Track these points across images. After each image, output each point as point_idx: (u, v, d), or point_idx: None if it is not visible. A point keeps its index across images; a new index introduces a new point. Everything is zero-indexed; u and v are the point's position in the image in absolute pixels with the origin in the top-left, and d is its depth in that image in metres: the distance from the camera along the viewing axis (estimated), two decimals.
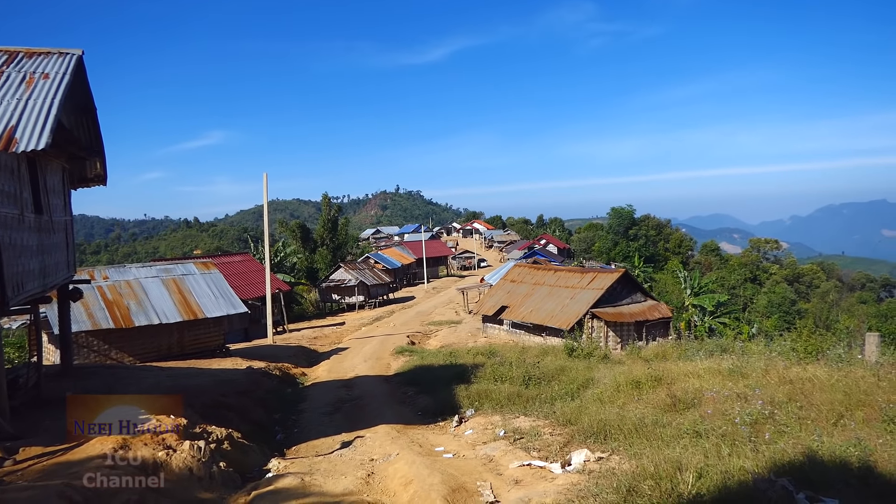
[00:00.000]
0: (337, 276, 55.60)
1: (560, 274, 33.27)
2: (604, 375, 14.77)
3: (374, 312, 50.54)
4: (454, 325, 39.50)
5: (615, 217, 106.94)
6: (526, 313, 30.99)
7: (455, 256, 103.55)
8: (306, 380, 22.97)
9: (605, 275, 30.76)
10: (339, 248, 68.30)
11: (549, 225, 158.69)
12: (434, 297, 60.85)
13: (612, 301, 29.30)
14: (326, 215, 68.13)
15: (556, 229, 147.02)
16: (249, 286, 39.37)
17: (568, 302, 29.71)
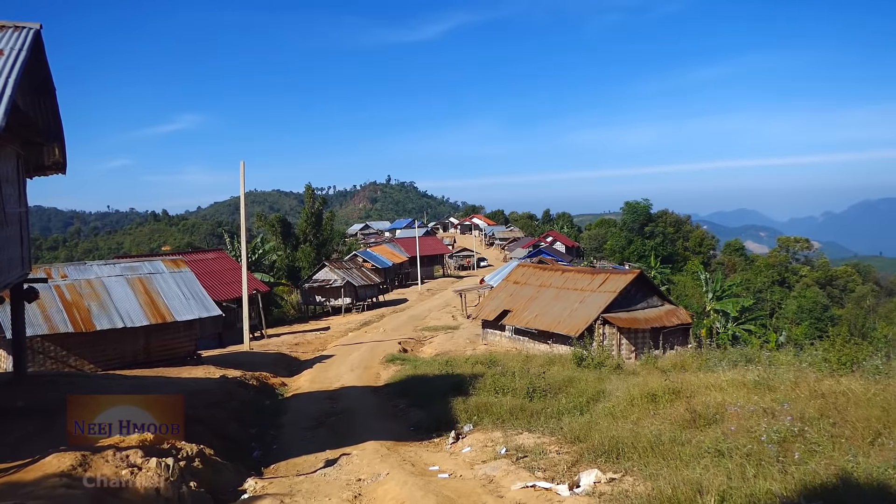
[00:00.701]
0: (321, 275, 55.56)
1: (568, 275, 33.30)
2: (616, 387, 14.79)
3: (362, 316, 50.53)
4: (451, 331, 39.51)
5: (629, 212, 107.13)
6: (530, 318, 31.01)
7: (452, 255, 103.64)
8: (287, 391, 22.94)
9: (617, 276, 30.80)
10: (324, 244, 68.23)
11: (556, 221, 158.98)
12: (429, 299, 60.83)
13: (626, 305, 29.34)
14: (310, 208, 68.04)
15: (564, 226, 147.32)
16: (224, 286, 39.28)
17: (577, 306, 29.74)
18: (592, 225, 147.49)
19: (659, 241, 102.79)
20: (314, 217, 67.45)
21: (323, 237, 68.16)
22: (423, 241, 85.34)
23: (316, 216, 67.77)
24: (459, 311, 48.81)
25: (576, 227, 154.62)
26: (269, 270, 56.93)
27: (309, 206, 68.55)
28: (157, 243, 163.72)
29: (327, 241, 69.55)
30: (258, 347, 34.42)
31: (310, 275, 56.82)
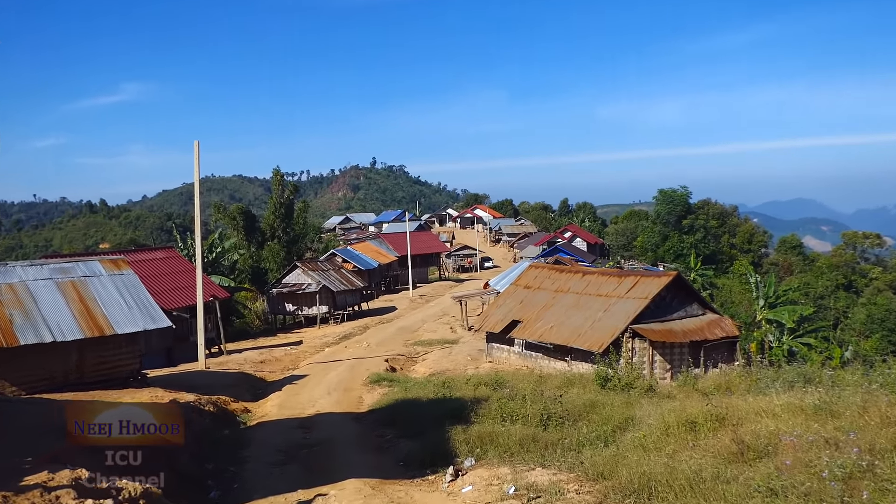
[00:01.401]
0: (292, 279, 55.57)
1: (590, 278, 33.35)
2: (648, 414, 14.82)
3: (341, 328, 50.55)
4: (449, 346, 39.57)
5: (664, 202, 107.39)
6: (545, 330, 31.07)
7: (450, 254, 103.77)
8: (250, 418, 22.96)
9: (650, 279, 30.87)
10: (296, 241, 68.23)
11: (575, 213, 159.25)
12: (422, 307, 60.78)
13: (660, 314, 29.39)
14: (278, 198, 68.05)
15: (586, 218, 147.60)
16: (175, 292, 39.25)
17: (601, 315, 29.79)
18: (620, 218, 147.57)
19: (700, 237, 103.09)
20: (284, 208, 67.45)
21: (294, 232, 68.14)
22: (416, 238, 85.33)
23: (286, 207, 67.78)
24: (459, 322, 48.82)
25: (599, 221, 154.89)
26: (229, 273, 56.94)
27: (277, 194, 68.55)
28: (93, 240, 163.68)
29: (300, 237, 69.54)
30: (216, 366, 34.39)
31: (278, 278, 56.80)
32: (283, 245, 65.71)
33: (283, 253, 64.34)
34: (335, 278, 56.65)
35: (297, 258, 63.59)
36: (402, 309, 60.15)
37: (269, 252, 64.02)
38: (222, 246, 57.17)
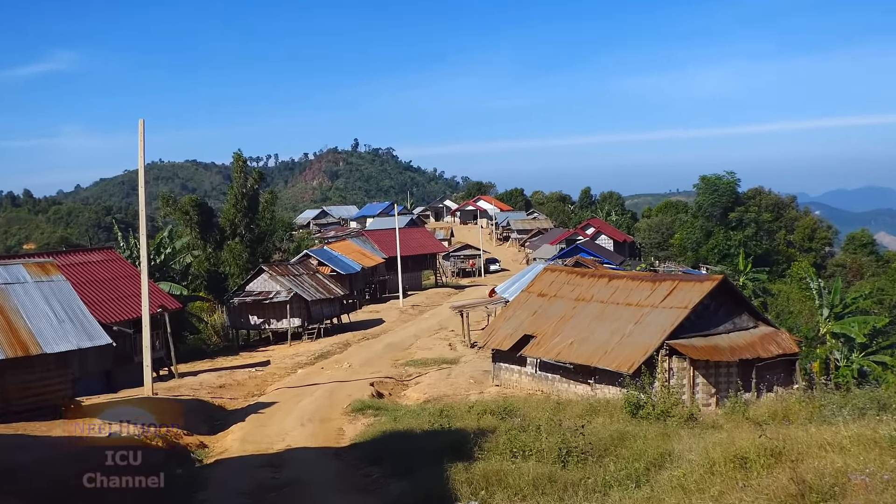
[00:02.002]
0: (257, 286, 55.59)
1: (618, 284, 33.34)
2: (689, 447, 14.81)
3: (317, 345, 50.54)
4: (447, 367, 39.60)
5: (707, 192, 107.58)
6: (563, 347, 31.07)
7: (449, 255, 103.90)
8: (207, 454, 22.93)
9: (690, 285, 30.86)
10: (261, 240, 68.22)
11: (599, 204, 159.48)
12: (414, 320, 60.74)
13: (703, 328, 29.38)
14: (240, 187, 68.04)
15: (612, 211, 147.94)
16: (115, 303, 39.20)
17: (631, 329, 29.79)
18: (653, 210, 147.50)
19: (750, 234, 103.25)
20: (247, 200, 67.45)
21: (260, 229, 68.12)
22: (407, 236, 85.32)
23: (249, 199, 67.78)
24: (459, 338, 48.81)
25: (628, 214, 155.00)
26: (181, 279, 56.88)
27: (239, 183, 68.53)
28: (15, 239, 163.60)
29: (266, 234, 69.54)
30: (165, 391, 34.32)
31: (241, 285, 56.83)
32: (246, 245, 65.69)
33: (246, 254, 64.33)
34: (309, 285, 56.64)
35: (264, 260, 63.51)
36: (390, 322, 60.08)
37: (230, 253, 64.02)
38: (172, 246, 57.10)
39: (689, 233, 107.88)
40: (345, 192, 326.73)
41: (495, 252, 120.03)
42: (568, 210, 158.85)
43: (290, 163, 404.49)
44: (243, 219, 66.81)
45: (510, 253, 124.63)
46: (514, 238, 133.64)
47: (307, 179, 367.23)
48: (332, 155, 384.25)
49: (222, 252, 64.70)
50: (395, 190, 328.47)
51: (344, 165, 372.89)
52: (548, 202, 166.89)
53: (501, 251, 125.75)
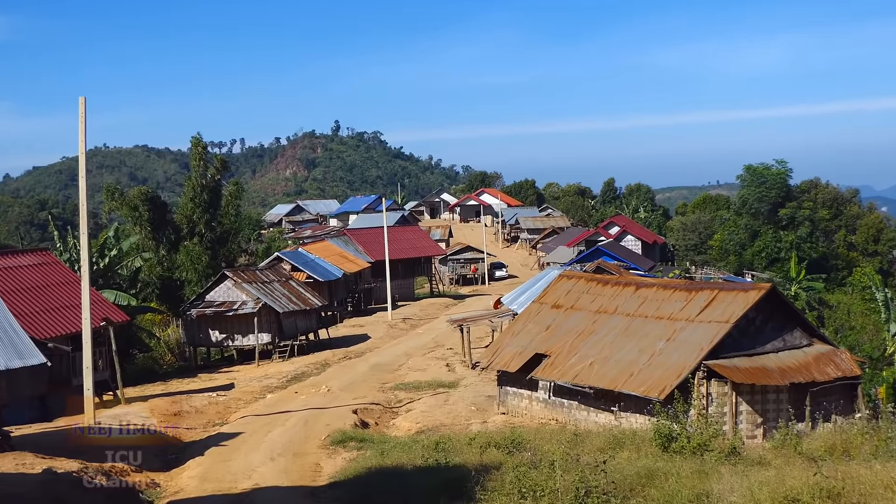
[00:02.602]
0: (219, 295, 55.48)
1: (648, 293, 33.29)
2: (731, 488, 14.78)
3: (290, 366, 50.47)
4: (444, 391, 39.57)
5: (753, 184, 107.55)
6: (582, 368, 31.00)
7: (447, 258, 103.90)
8: (159, 495, 22.87)
9: (732, 295, 30.82)
10: (224, 241, 68.10)
11: (625, 199, 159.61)
12: (406, 335, 60.65)
13: (747, 346, 29.32)
14: (199, 178, 67.86)
15: (640, 207, 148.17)
16: (50, 315, 39.02)
17: (662, 347, 29.74)
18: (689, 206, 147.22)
19: (804, 234, 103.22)
20: (207, 193, 67.30)
21: (223, 228, 67.99)
22: (397, 235, 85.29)
23: (210, 191, 67.63)
24: (458, 357, 48.77)
25: (659, 210, 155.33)
26: (129, 286, 56.80)
27: (198, 173, 68.36)
28: None
29: (230, 234, 69.38)
30: (111, 419, 34.17)
31: (200, 293, 56.69)
32: (206, 246, 65.52)
33: (206, 257, 64.14)
34: (281, 294, 56.54)
35: (227, 265, 63.37)
36: (377, 338, 59.99)
37: (187, 256, 63.81)
38: (119, 247, 57.01)
39: (731, 233, 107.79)
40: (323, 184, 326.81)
41: (502, 255, 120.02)
42: (588, 206, 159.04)
43: (258, 149, 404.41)
44: (203, 215, 66.64)
45: (519, 256, 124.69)
46: (524, 239, 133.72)
47: (279, 168, 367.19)
48: (309, 140, 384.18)
49: (178, 255, 64.48)
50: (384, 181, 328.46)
51: (322, 152, 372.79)
52: (564, 196, 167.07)
53: (509, 254, 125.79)
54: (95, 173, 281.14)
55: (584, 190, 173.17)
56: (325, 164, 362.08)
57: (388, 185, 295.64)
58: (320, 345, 57.42)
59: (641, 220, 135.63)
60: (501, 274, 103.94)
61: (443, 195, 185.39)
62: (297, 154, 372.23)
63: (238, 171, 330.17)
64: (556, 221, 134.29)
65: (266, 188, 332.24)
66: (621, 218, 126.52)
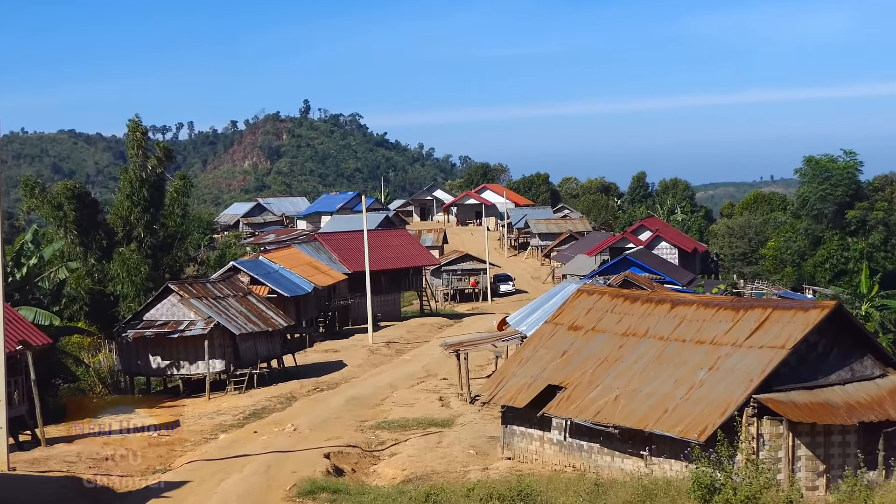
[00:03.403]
0: (162, 313, 55.34)
1: (685, 312, 33.27)
2: None
3: (248, 399, 50.37)
4: (437, 431, 39.52)
5: (815, 181, 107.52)
6: (605, 404, 30.93)
7: (440, 268, 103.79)
8: None
9: (788, 315, 30.81)
10: (168, 247, 67.95)
11: (659, 198, 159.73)
12: (390, 363, 60.60)
13: (807, 376, 29.28)
14: (137, 171, 67.72)
15: (677, 207, 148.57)
16: None
17: (703, 377, 29.69)
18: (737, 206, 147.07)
19: (878, 241, 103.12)
20: (148, 188, 67.16)
21: (167, 231, 67.86)
22: (381, 241, 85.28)
23: (152, 187, 67.51)
24: (454, 389, 48.76)
25: (700, 211, 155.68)
26: (51, 302, 56.62)
27: (137, 164, 68.24)
28: None
29: (175, 239, 69.22)
30: (26, 465, 34.12)
31: (137, 312, 56.58)
32: (146, 253, 65.38)
33: (145, 267, 63.97)
34: (238, 312, 56.45)
35: (172, 276, 63.19)
36: (354, 365, 59.91)
37: (122, 266, 63.62)
38: (39, 255, 56.90)
39: (787, 239, 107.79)
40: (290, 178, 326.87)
41: (507, 266, 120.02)
42: (613, 206, 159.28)
43: (210, 135, 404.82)
44: (142, 215, 66.51)
45: (529, 267, 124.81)
46: (535, 246, 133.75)
47: (236, 159, 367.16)
48: (272, 124, 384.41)
49: (111, 264, 64.29)
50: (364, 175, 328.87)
51: (289, 139, 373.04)
52: (584, 194, 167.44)
53: (516, 264, 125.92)
54: (11, 164, 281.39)
55: (608, 186, 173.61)
56: (292, 153, 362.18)
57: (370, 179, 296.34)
58: (285, 374, 57.28)
59: (678, 223, 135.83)
60: (507, 288, 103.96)
61: (436, 192, 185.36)
62: (258, 141, 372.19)
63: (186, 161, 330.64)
64: (575, 225, 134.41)
65: (220, 183, 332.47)
66: (654, 220, 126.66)
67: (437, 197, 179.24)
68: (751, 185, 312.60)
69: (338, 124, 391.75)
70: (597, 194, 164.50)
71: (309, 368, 59.12)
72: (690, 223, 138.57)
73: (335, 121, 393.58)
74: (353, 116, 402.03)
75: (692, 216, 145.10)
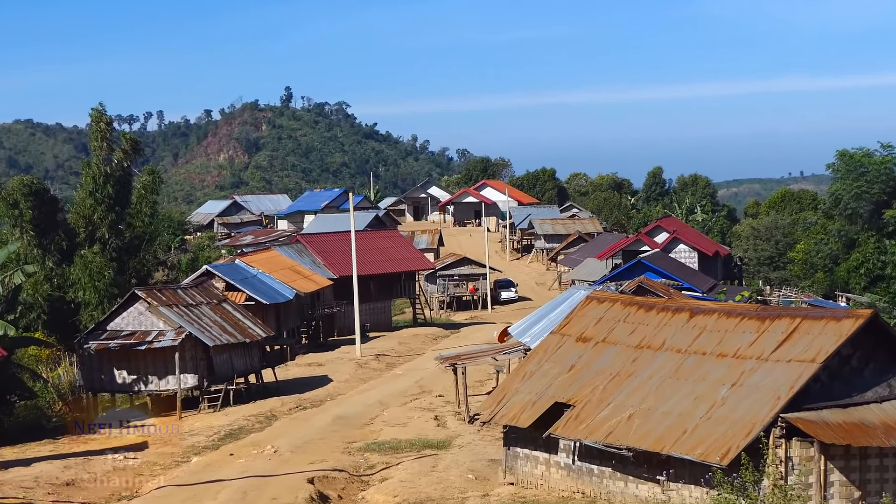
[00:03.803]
0: (128, 322, 55.28)
1: (705, 322, 33.28)
2: None
3: (224, 418, 50.41)
4: (432, 453, 39.53)
5: (849, 177, 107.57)
6: (617, 423, 30.94)
7: (436, 273, 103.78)
8: None
9: (819, 325, 30.81)
10: (136, 249, 67.94)
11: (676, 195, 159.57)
12: (380, 378, 60.67)
13: (840, 393, 29.27)
14: (101, 165, 67.74)
15: (697, 206, 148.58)
16: None
17: (726, 394, 29.70)
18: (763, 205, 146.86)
19: None
20: (113, 185, 67.17)
21: (133, 232, 67.85)
22: (370, 243, 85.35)
23: (117, 183, 67.51)
24: (451, 407, 48.81)
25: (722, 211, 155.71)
26: (6, 310, 56.56)
27: (100, 158, 68.24)
28: None
29: (143, 240, 69.22)
30: None
31: (100, 321, 56.54)
32: (110, 256, 65.39)
33: (110, 272, 64.00)
34: (212, 321, 56.42)
35: (139, 282, 63.18)
36: (341, 381, 59.98)
37: (85, 270, 63.66)
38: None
39: (819, 242, 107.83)
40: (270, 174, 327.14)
41: (509, 270, 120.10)
42: (626, 204, 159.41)
43: (182, 125, 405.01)
44: (107, 214, 66.50)
45: (533, 272, 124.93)
46: (540, 248, 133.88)
47: (210, 152, 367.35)
48: (251, 113, 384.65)
49: (73, 268, 64.34)
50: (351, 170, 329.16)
51: (269, 130, 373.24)
52: (594, 192, 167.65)
53: (519, 269, 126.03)
54: None
55: (620, 183, 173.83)
56: (273, 146, 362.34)
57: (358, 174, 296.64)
58: (265, 390, 57.32)
59: (698, 223, 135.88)
60: (509, 295, 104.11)
61: (431, 189, 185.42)
62: (235, 132, 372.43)
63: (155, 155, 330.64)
64: (584, 225, 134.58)
65: (192, 178, 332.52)
66: (671, 221, 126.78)
67: (432, 194, 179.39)
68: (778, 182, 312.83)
69: (323, 114, 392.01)
70: (608, 192, 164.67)
71: (290, 384, 59.12)
72: (711, 224, 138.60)
73: (320, 110, 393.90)
74: (339, 105, 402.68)
75: (713, 216, 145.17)
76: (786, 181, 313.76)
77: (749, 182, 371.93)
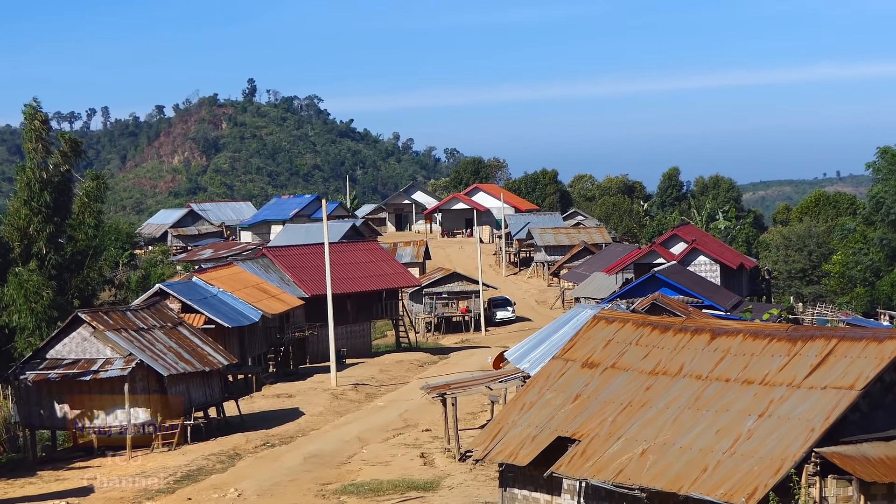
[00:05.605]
0: (70, 349, 55.28)
1: (729, 344, 33.32)
2: None
3: (181, 458, 50.41)
4: (418, 496, 39.62)
5: (890, 176, 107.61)
6: (629, 460, 30.96)
7: (422, 290, 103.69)
8: None
9: (858, 347, 30.85)
10: (78, 266, 67.94)
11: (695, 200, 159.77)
12: (359, 410, 60.73)
13: (883, 424, 29.26)
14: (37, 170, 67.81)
15: (718, 211, 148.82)
16: None
17: (751, 426, 29.72)
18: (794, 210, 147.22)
19: None
20: (50, 192, 67.24)
21: (75, 247, 67.86)
22: (346, 256, 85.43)
23: (56, 190, 67.58)
24: (439, 443, 48.88)
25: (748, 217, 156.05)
26: None
27: (36, 162, 68.33)
28: None
29: (86, 256, 69.23)
30: None
31: (38, 348, 56.55)
32: (49, 274, 65.40)
33: (49, 292, 64.01)
34: (166, 348, 56.41)
35: (83, 303, 63.14)
36: (314, 414, 60.09)
37: (20, 290, 63.67)
38: None
39: (858, 252, 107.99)
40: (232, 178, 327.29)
41: (506, 287, 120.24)
42: (638, 210, 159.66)
43: (130, 123, 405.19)
44: (44, 226, 66.55)
45: (532, 288, 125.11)
46: (541, 262, 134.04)
47: (163, 154, 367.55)
48: (209, 109, 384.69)
49: (6, 287, 64.37)
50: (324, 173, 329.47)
51: (230, 128, 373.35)
52: (602, 196, 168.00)
53: (517, 285, 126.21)
54: None
55: (632, 186, 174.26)
56: (234, 146, 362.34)
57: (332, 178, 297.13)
58: (227, 425, 57.36)
59: (720, 231, 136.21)
60: (505, 315, 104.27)
61: (415, 194, 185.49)
62: (191, 131, 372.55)
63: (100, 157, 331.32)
64: (590, 235, 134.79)
65: (143, 184, 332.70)
66: (690, 229, 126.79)
67: (417, 200, 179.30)
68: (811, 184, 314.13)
69: (291, 109, 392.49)
70: (618, 196, 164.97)
71: (256, 418, 59.19)
72: (735, 232, 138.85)
73: (288, 105, 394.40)
74: (310, 100, 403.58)
75: (738, 223, 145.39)
76: (820, 182, 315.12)
77: (778, 184, 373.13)
